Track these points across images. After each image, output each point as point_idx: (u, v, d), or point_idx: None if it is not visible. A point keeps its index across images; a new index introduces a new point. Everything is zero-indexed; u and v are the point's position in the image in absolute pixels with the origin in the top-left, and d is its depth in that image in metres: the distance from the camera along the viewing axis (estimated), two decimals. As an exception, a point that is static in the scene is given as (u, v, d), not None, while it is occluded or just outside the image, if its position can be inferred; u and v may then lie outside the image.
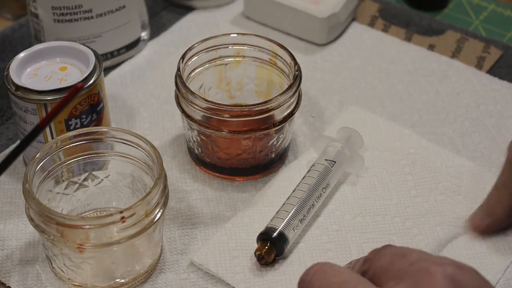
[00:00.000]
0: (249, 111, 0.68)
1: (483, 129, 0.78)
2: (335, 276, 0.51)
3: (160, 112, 0.80)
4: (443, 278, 0.48)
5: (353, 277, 0.50)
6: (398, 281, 0.49)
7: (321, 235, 0.68)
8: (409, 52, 0.86)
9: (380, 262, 0.51)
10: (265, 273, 0.66)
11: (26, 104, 0.69)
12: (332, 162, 0.71)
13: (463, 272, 0.49)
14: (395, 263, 0.50)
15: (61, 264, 0.63)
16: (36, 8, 0.79)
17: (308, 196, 0.68)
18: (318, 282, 0.51)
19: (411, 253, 0.51)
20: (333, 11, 0.85)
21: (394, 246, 0.53)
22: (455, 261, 0.50)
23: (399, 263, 0.50)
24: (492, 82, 0.82)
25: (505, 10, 0.94)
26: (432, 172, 0.73)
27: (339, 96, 0.81)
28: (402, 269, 0.50)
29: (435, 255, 0.51)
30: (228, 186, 0.73)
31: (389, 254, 0.52)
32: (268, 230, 0.66)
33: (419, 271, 0.49)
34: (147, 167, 0.66)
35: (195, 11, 0.92)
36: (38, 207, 0.61)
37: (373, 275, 0.51)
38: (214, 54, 0.75)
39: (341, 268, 0.52)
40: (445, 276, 0.48)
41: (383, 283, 0.50)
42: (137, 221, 0.61)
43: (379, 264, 0.51)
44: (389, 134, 0.77)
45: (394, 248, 0.52)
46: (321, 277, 0.51)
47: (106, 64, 0.83)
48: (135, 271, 0.65)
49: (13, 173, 0.74)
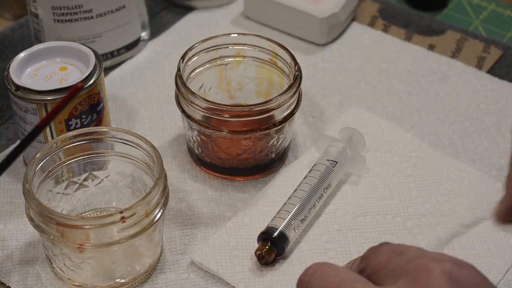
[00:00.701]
0: (249, 111, 0.68)
1: (483, 129, 0.78)
2: (333, 275, 0.51)
3: (160, 112, 0.80)
4: (441, 275, 0.48)
5: (351, 276, 0.50)
6: (396, 278, 0.49)
7: (322, 235, 0.68)
8: (409, 52, 0.86)
9: (377, 259, 0.51)
10: (265, 272, 0.66)
11: (26, 104, 0.69)
12: (334, 162, 0.71)
13: (461, 268, 0.49)
14: (393, 261, 0.50)
15: (61, 264, 0.63)
16: (36, 8, 0.79)
17: (310, 196, 0.68)
18: (316, 282, 0.51)
19: (408, 250, 0.51)
20: (333, 11, 0.85)
21: (391, 243, 0.53)
22: (453, 257, 0.49)
23: (397, 261, 0.50)
24: (492, 82, 0.82)
25: (505, 10, 0.94)
26: (434, 175, 0.73)
27: (339, 96, 0.81)
28: (399, 266, 0.50)
29: (433, 252, 0.51)
30: (228, 186, 0.73)
31: (386, 251, 0.51)
32: (268, 230, 0.66)
33: (417, 268, 0.49)
34: (147, 167, 0.66)
35: (195, 11, 0.92)
36: (38, 207, 0.60)
37: (371, 273, 0.51)
38: (214, 54, 0.75)
39: (339, 268, 0.52)
40: (443, 272, 0.48)
41: (381, 280, 0.50)
42: (137, 221, 0.61)
43: (377, 261, 0.51)
44: (391, 136, 0.77)
45: (391, 245, 0.52)
46: (320, 277, 0.51)
47: (106, 64, 0.83)
48: (135, 271, 0.65)
49: (13, 173, 0.74)
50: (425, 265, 0.49)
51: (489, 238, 0.68)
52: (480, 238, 0.68)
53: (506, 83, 0.82)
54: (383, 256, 0.51)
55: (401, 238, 0.68)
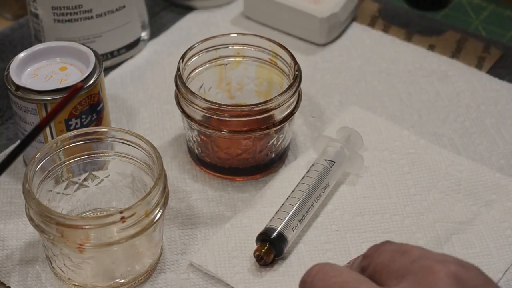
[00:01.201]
0: (249, 111, 0.68)
1: (483, 129, 0.78)
2: (336, 276, 0.50)
3: (160, 112, 0.80)
4: (447, 277, 0.48)
5: (354, 277, 0.50)
6: (400, 279, 0.49)
7: (320, 235, 0.68)
8: (409, 52, 0.86)
9: (380, 258, 0.51)
10: (264, 273, 0.66)
11: (26, 104, 0.69)
12: (332, 162, 0.71)
13: (467, 270, 0.49)
14: (396, 260, 0.50)
15: (61, 264, 0.63)
16: (36, 8, 0.79)
17: (307, 197, 0.68)
18: (319, 283, 0.51)
19: (412, 250, 0.51)
20: (333, 11, 0.85)
21: (393, 242, 0.52)
22: (457, 259, 0.49)
23: (400, 260, 0.50)
24: (492, 82, 0.82)
25: (505, 10, 0.94)
26: (431, 171, 0.73)
27: (339, 96, 0.81)
28: (403, 266, 0.49)
29: (436, 253, 0.50)
30: (228, 186, 0.73)
31: (389, 250, 0.51)
32: (267, 231, 0.66)
33: (422, 270, 0.48)
34: (147, 167, 0.66)
35: (195, 11, 0.92)
36: (38, 207, 0.61)
37: (373, 272, 0.51)
38: (214, 54, 0.75)
39: (342, 268, 0.51)
40: (448, 274, 0.48)
41: (384, 280, 0.50)
42: (137, 221, 0.61)
43: (379, 260, 0.51)
44: (388, 134, 0.77)
45: (394, 244, 0.52)
46: (323, 278, 0.51)
47: (106, 64, 0.83)
48: (135, 271, 0.65)
49: (13, 173, 0.74)
50: (430, 266, 0.48)
51: (488, 237, 0.68)
52: (480, 237, 0.68)
53: (506, 83, 0.82)
54: (385, 255, 0.51)
55: (399, 237, 0.68)
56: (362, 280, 0.50)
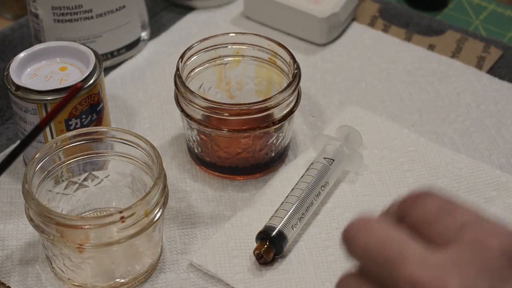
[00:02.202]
0: (248, 109, 0.68)
1: (483, 129, 0.78)
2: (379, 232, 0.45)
3: (160, 112, 0.80)
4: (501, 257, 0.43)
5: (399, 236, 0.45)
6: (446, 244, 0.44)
7: (320, 233, 0.68)
8: (409, 52, 0.86)
9: (421, 213, 0.46)
10: (264, 272, 0.66)
11: (26, 104, 0.69)
12: (331, 160, 0.71)
13: None
14: (442, 220, 0.45)
15: (61, 264, 0.63)
16: (36, 8, 0.79)
17: (307, 195, 0.68)
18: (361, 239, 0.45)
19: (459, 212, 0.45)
20: (333, 11, 0.85)
21: (436, 196, 0.46)
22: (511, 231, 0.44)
23: (446, 222, 0.45)
24: (492, 82, 0.82)
25: (505, 10, 0.94)
26: (431, 169, 0.73)
27: (339, 96, 0.81)
28: (450, 229, 0.44)
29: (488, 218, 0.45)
30: (228, 185, 0.73)
31: (433, 206, 0.46)
32: (267, 229, 0.66)
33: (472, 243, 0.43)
34: (147, 167, 0.66)
35: (195, 11, 0.92)
36: (37, 207, 0.60)
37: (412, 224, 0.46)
38: (213, 53, 0.75)
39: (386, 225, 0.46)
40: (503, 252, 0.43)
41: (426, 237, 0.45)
42: (137, 221, 0.61)
43: (421, 214, 0.46)
44: (388, 133, 0.77)
45: (438, 199, 0.46)
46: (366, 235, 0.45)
47: (106, 64, 0.83)
48: (135, 271, 0.65)
49: (13, 173, 0.74)
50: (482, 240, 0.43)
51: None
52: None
53: (506, 83, 0.82)
54: (429, 210, 0.46)
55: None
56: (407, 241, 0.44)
